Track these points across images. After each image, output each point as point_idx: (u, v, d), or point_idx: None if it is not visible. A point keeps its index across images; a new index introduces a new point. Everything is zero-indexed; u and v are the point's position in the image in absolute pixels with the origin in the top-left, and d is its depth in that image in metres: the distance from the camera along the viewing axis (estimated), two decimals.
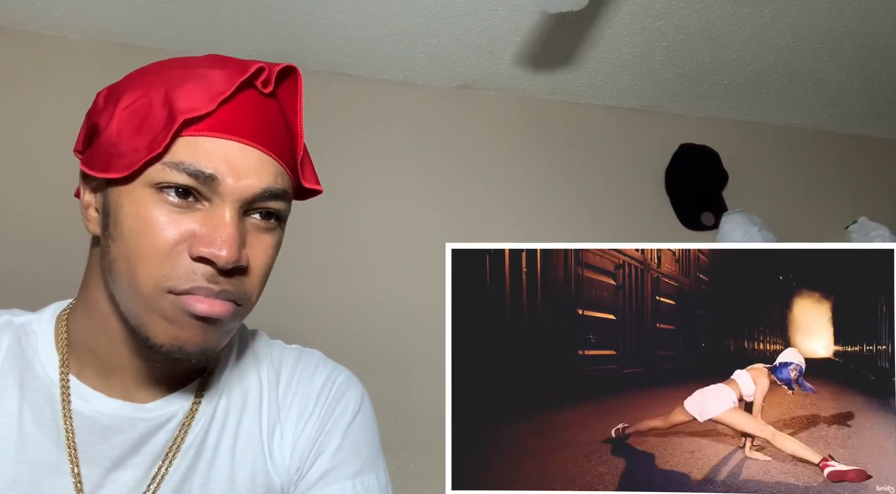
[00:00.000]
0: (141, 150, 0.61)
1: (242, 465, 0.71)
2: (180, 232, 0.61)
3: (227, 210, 0.62)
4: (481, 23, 1.78)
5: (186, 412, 0.70)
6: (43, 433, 0.66)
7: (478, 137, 2.04)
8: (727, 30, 1.83)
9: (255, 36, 1.81)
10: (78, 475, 0.65)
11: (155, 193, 0.61)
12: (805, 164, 2.28)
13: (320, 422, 0.74)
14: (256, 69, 0.64)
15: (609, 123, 2.16)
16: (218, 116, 0.62)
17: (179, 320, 0.62)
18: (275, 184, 0.64)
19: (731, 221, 2.03)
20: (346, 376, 0.79)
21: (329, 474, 0.72)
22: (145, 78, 0.66)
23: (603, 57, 1.93)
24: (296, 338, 0.83)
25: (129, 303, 0.63)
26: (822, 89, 2.11)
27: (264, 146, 0.64)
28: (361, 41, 1.85)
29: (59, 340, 0.70)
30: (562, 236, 1.98)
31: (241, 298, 0.64)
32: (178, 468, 0.68)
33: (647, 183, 2.14)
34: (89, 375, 0.68)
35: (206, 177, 0.61)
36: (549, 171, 2.07)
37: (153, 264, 0.61)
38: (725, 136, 2.22)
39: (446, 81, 2.04)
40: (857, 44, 1.90)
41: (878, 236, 2.00)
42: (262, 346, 0.78)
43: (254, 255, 0.65)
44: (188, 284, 0.61)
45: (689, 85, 2.08)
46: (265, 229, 0.66)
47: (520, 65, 1.97)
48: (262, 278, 0.67)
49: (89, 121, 0.68)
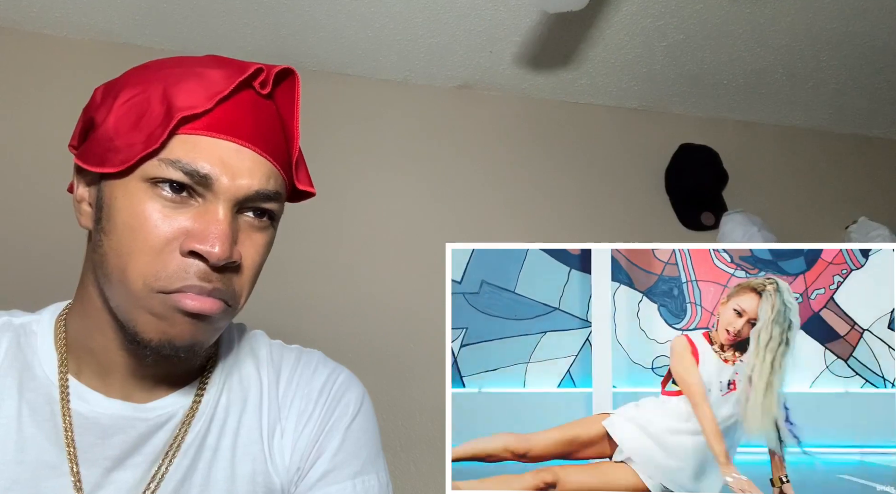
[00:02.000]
0: (137, 145, 0.61)
1: (242, 465, 0.71)
2: (173, 229, 0.61)
3: (221, 207, 0.62)
4: (481, 23, 1.78)
5: (186, 411, 0.70)
6: (42, 433, 0.66)
7: (478, 137, 2.04)
8: (727, 30, 1.83)
9: (254, 36, 1.81)
10: (77, 475, 0.65)
11: (149, 187, 0.61)
12: (805, 164, 2.28)
13: (320, 422, 0.74)
14: (255, 70, 0.65)
15: (609, 123, 2.16)
16: (215, 116, 0.62)
17: (169, 316, 0.62)
18: (268, 185, 0.65)
19: (731, 221, 2.03)
20: (346, 376, 0.79)
21: (329, 474, 0.72)
22: (144, 75, 0.66)
23: (603, 57, 1.93)
24: (296, 338, 0.83)
25: (119, 299, 0.63)
26: (822, 89, 2.11)
27: (260, 147, 0.64)
28: (361, 41, 1.85)
29: (58, 340, 0.70)
30: (562, 236, 1.98)
31: (232, 297, 0.64)
32: (177, 467, 0.68)
33: (647, 183, 2.14)
34: (88, 375, 0.68)
35: (201, 176, 0.61)
36: (549, 171, 2.07)
37: (144, 262, 0.61)
38: (725, 136, 2.22)
39: (446, 81, 2.04)
40: (857, 44, 1.90)
41: (878, 236, 2.00)
42: (262, 346, 0.78)
43: (245, 253, 0.65)
44: (179, 282, 0.61)
45: (689, 85, 2.08)
46: (258, 227, 0.66)
47: (520, 65, 1.97)
48: (253, 276, 0.67)
49: (86, 116, 0.68)
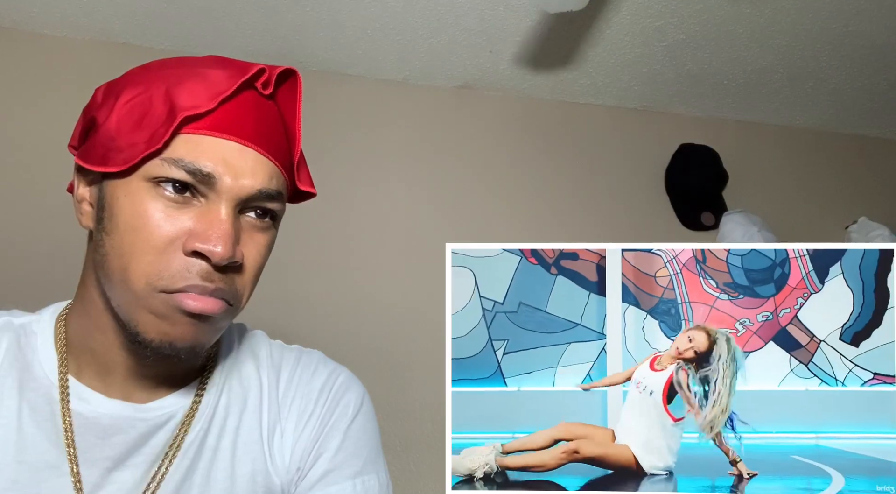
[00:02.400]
0: (140, 144, 0.61)
1: (242, 465, 0.71)
2: (175, 229, 0.61)
3: (223, 207, 0.62)
4: (481, 23, 1.78)
5: (186, 411, 0.70)
6: (42, 433, 0.66)
7: (478, 137, 2.04)
8: (727, 30, 1.83)
9: (255, 36, 1.81)
10: (77, 475, 0.65)
11: (152, 187, 0.62)
12: (805, 164, 2.28)
13: (320, 422, 0.74)
14: (257, 70, 0.65)
15: (609, 123, 2.16)
16: (218, 115, 0.62)
17: (170, 316, 0.62)
18: (270, 185, 0.65)
19: (731, 221, 2.03)
20: (346, 376, 0.79)
21: (329, 474, 0.72)
22: (146, 75, 0.66)
23: (603, 57, 1.93)
24: (296, 338, 0.83)
25: (120, 298, 0.63)
26: (822, 89, 2.11)
27: (262, 147, 0.64)
28: (361, 41, 1.85)
29: (58, 340, 0.70)
30: (562, 236, 1.98)
31: (233, 297, 0.64)
32: (177, 468, 0.68)
33: (647, 183, 2.14)
34: (88, 375, 0.68)
35: (203, 175, 0.61)
36: (548, 171, 2.07)
37: (147, 262, 0.61)
38: (725, 136, 2.22)
39: (446, 81, 2.04)
40: (857, 44, 1.90)
41: (878, 236, 2.00)
42: (262, 346, 0.78)
43: (248, 253, 0.65)
44: (182, 282, 0.61)
45: (689, 85, 2.08)
46: (260, 227, 0.66)
47: (520, 65, 1.97)
48: (255, 276, 0.67)
49: (86, 116, 0.68)
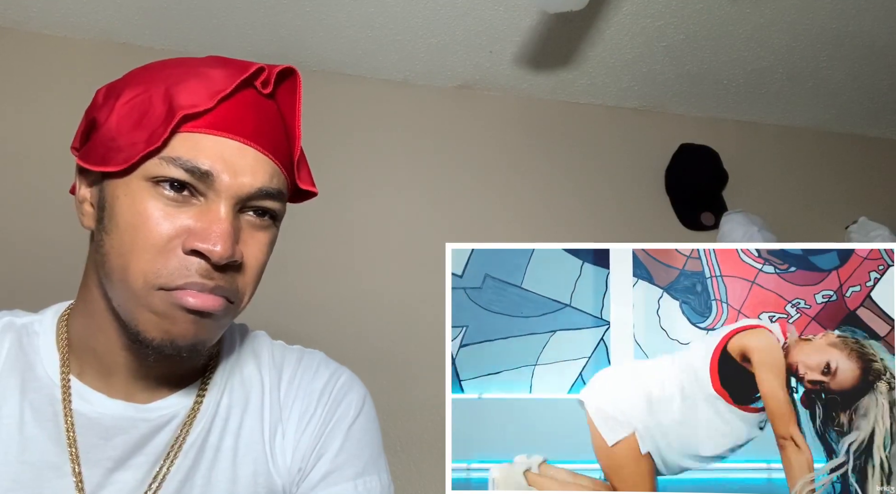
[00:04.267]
0: (139, 144, 0.61)
1: (244, 465, 0.71)
2: (175, 227, 0.61)
3: (223, 206, 0.62)
4: (481, 23, 1.78)
5: (188, 412, 0.70)
6: (44, 434, 0.66)
7: (478, 137, 2.04)
8: (727, 30, 1.83)
9: (255, 36, 1.81)
10: (79, 475, 0.65)
11: (151, 186, 0.62)
12: (805, 164, 2.28)
13: (322, 423, 0.74)
14: (256, 69, 0.65)
15: (609, 123, 2.16)
16: (217, 114, 0.62)
17: (171, 314, 0.62)
18: (270, 184, 0.65)
19: (731, 221, 2.03)
20: (348, 377, 0.79)
21: (331, 475, 0.72)
22: (146, 75, 0.66)
23: (603, 57, 1.93)
24: (296, 338, 0.84)
25: (120, 298, 0.63)
26: (822, 89, 2.11)
27: (261, 146, 0.64)
28: (361, 41, 1.85)
29: (59, 341, 0.70)
30: (562, 236, 1.98)
31: (234, 295, 0.65)
32: (179, 468, 0.68)
33: (647, 183, 2.14)
34: (90, 375, 0.68)
35: (202, 173, 0.61)
36: (548, 171, 2.07)
37: (146, 260, 0.61)
38: (725, 136, 2.22)
39: (446, 81, 2.04)
40: (857, 44, 1.90)
41: (878, 236, 2.00)
42: (263, 346, 0.78)
43: (248, 252, 0.65)
44: (181, 280, 0.61)
45: (689, 85, 2.08)
46: (260, 226, 0.66)
47: (520, 65, 1.97)
48: (256, 275, 0.67)
49: (88, 117, 0.68)
